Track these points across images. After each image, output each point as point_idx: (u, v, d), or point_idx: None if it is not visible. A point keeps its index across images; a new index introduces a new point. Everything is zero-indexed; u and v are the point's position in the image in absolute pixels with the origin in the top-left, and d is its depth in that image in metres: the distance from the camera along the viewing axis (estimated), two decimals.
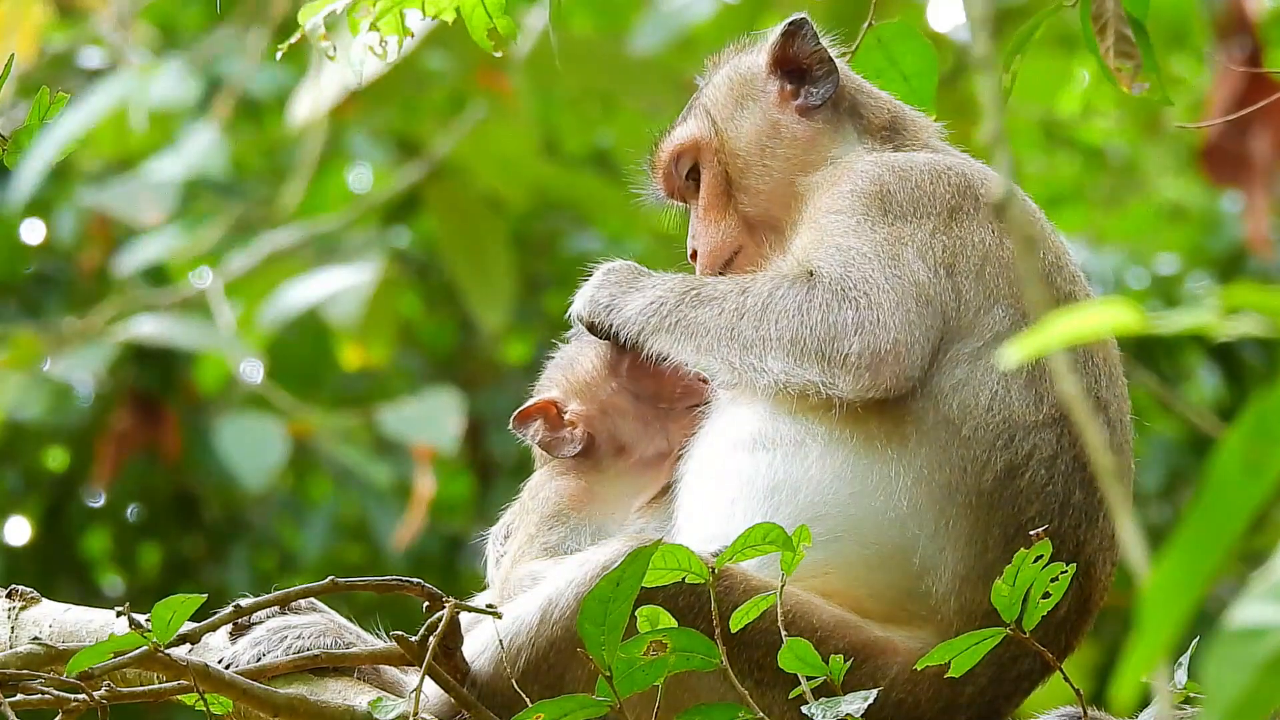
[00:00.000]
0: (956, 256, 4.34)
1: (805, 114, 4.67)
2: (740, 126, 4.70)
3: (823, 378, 4.24)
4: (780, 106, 4.69)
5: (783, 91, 4.70)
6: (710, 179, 4.70)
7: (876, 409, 4.26)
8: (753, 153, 4.67)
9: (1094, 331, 2.45)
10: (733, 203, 4.66)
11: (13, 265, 11.08)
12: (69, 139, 9.37)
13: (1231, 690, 2.29)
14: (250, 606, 4.02)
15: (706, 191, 4.70)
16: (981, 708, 4.21)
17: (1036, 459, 4.24)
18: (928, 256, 4.32)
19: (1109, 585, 4.35)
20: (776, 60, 4.72)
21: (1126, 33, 4.29)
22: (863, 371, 4.23)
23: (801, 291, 4.30)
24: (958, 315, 4.31)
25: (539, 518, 4.63)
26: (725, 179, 4.68)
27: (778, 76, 4.71)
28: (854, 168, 4.50)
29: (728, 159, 4.68)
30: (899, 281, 4.27)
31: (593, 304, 4.57)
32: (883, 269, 4.28)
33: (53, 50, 10.50)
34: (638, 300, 4.49)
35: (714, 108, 4.74)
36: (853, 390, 4.22)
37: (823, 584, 4.20)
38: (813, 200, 4.50)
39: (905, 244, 4.33)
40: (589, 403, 4.71)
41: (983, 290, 4.33)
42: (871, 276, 4.27)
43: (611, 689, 3.74)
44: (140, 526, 11.11)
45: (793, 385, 4.27)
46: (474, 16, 4.43)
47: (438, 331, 11.82)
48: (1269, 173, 10.05)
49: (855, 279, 4.27)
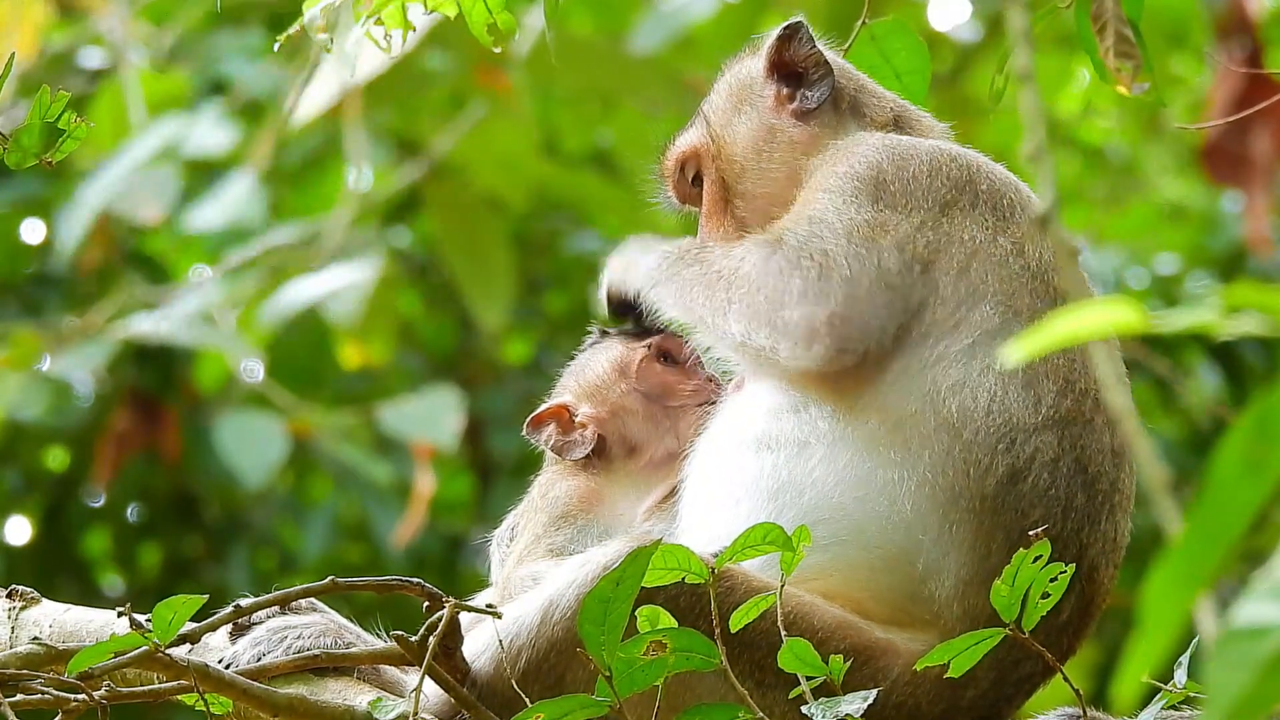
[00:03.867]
0: (939, 253, 4.34)
1: (802, 117, 4.68)
2: (736, 132, 4.73)
3: (768, 342, 4.29)
4: (776, 110, 4.71)
5: (779, 95, 4.71)
6: (709, 185, 4.74)
7: (878, 407, 4.26)
8: (749, 157, 4.69)
9: (1095, 331, 2.45)
10: (730, 207, 4.68)
11: (13, 265, 11.08)
12: (111, 190, 9.48)
13: (1232, 689, 2.29)
14: (250, 606, 4.02)
15: (707, 198, 4.74)
16: (983, 711, 4.20)
17: (1039, 462, 4.23)
18: (905, 249, 4.32)
19: (1111, 587, 4.34)
20: (773, 64, 4.73)
21: (1126, 33, 4.29)
22: (798, 340, 4.26)
23: (764, 257, 4.33)
24: (933, 310, 4.30)
25: (548, 518, 4.65)
26: (723, 185, 4.70)
27: (774, 80, 4.73)
28: (854, 150, 4.51)
29: (724, 165, 4.71)
30: (859, 260, 4.29)
31: (614, 268, 4.65)
32: (847, 245, 4.30)
33: (53, 50, 10.49)
34: (651, 259, 4.56)
35: (712, 115, 4.78)
36: (789, 357, 4.26)
37: (825, 587, 4.20)
38: (811, 179, 4.52)
39: (886, 232, 4.33)
40: (600, 405, 4.74)
41: (965, 287, 4.32)
42: (830, 250, 4.30)
43: (611, 689, 3.74)
44: (140, 526, 11.10)
45: (748, 348, 4.32)
46: (474, 12, 4.43)
47: (438, 331, 11.82)
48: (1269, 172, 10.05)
49: (813, 249, 4.30)
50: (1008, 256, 4.36)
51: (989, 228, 4.38)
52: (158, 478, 10.89)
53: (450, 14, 4.44)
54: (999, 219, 4.40)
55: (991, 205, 4.42)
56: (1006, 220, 4.40)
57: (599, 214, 11.13)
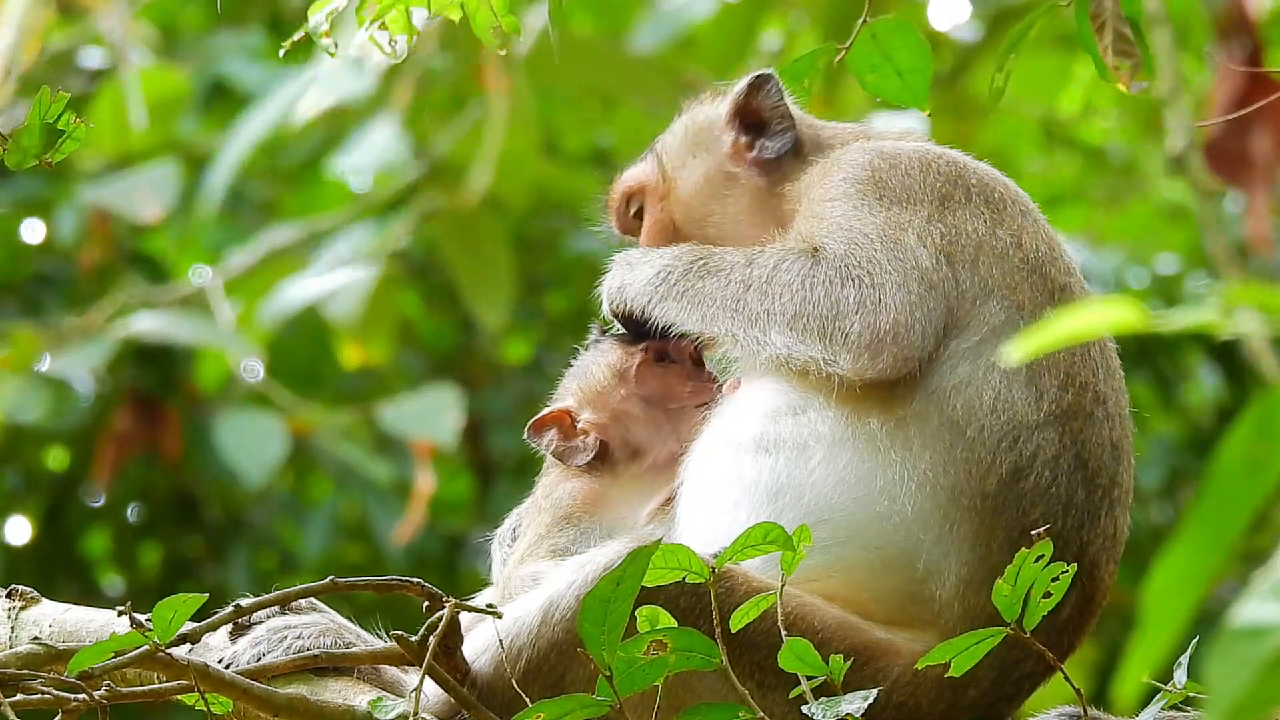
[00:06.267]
0: (954, 245, 4.35)
1: (760, 166, 4.71)
2: (689, 175, 4.76)
3: (824, 354, 4.26)
4: (734, 158, 4.74)
5: (736, 144, 4.74)
6: (651, 223, 4.77)
7: (879, 407, 4.26)
8: (699, 200, 4.73)
9: (1096, 329, 2.45)
10: (672, 244, 4.69)
11: (13, 265, 11.08)
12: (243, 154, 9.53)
13: (1233, 689, 2.29)
14: (250, 606, 4.02)
15: (647, 234, 4.76)
16: (983, 710, 4.20)
17: (1041, 460, 4.22)
18: (928, 242, 4.33)
19: (1111, 584, 4.34)
20: (738, 111, 4.76)
21: (1125, 31, 4.29)
22: (862, 351, 4.24)
23: (806, 266, 4.32)
24: (958, 305, 4.31)
25: (550, 519, 4.65)
26: (670, 224, 4.74)
27: (735, 128, 4.75)
28: (843, 159, 4.52)
29: (672, 205, 4.76)
30: (901, 264, 4.29)
31: (609, 291, 4.64)
32: (886, 251, 4.30)
33: (53, 50, 10.49)
34: (646, 271, 4.53)
35: (665, 154, 4.81)
36: (852, 369, 4.24)
37: (825, 588, 4.20)
38: (807, 195, 4.52)
39: (905, 229, 4.34)
40: (601, 410, 4.75)
41: (978, 281, 4.33)
42: (875, 257, 4.29)
43: (612, 689, 3.74)
44: (140, 526, 11.11)
45: (794, 360, 4.29)
46: (478, 15, 4.43)
47: (438, 331, 11.82)
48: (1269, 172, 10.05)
49: (859, 258, 4.29)
50: (1008, 250, 4.37)
51: (987, 221, 4.39)
52: (158, 478, 10.89)
53: (454, 17, 4.44)
54: (993, 212, 4.41)
55: (984, 199, 4.43)
56: (1000, 213, 4.41)
57: (599, 214, 11.12)
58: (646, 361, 4.76)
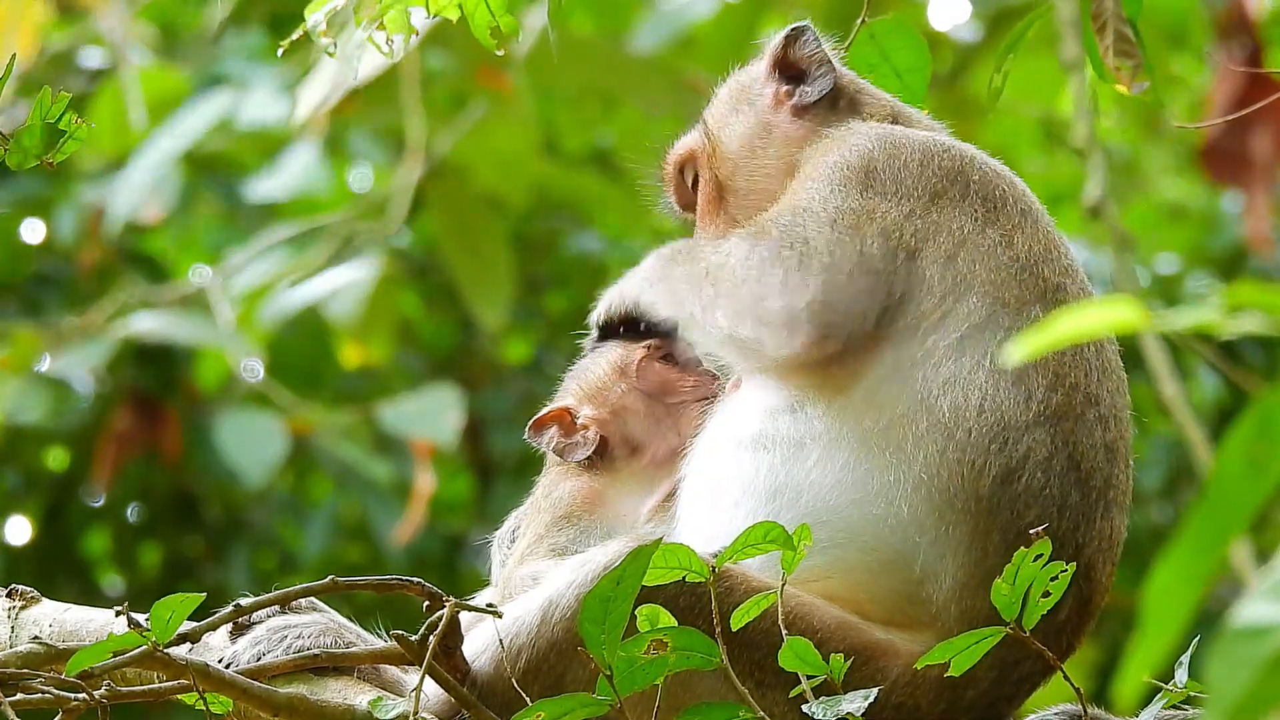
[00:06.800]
0: (926, 241, 4.34)
1: (799, 113, 4.70)
2: (731, 130, 4.75)
3: (752, 334, 4.31)
4: (774, 108, 4.73)
5: (778, 94, 4.73)
6: (704, 185, 4.76)
7: (870, 408, 4.26)
8: (741, 154, 4.71)
9: (1095, 330, 2.45)
10: (724, 205, 4.70)
11: (13, 265, 11.08)
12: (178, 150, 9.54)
13: (1234, 689, 2.29)
14: (250, 606, 4.02)
15: (702, 198, 4.76)
16: (982, 710, 4.20)
17: (1032, 461, 4.22)
18: (891, 236, 4.33)
19: (1109, 586, 4.33)
20: (776, 63, 4.75)
21: (1125, 32, 4.29)
22: (779, 329, 4.28)
23: (748, 249, 4.35)
24: (920, 301, 4.30)
25: (550, 518, 4.66)
26: (717, 183, 4.72)
27: (775, 79, 4.74)
28: (847, 139, 4.52)
29: (718, 163, 4.73)
30: (841, 247, 4.30)
31: (609, 296, 4.71)
32: (830, 233, 4.31)
33: (53, 50, 10.49)
34: (640, 269, 4.61)
35: (710, 117, 4.81)
36: (773, 348, 4.29)
37: (824, 589, 4.20)
38: (803, 169, 4.53)
39: (872, 219, 4.34)
40: (601, 406, 4.75)
41: (953, 276, 4.32)
42: (812, 238, 4.31)
43: (612, 688, 3.74)
44: (140, 526, 11.11)
45: (734, 341, 4.35)
46: (477, 15, 4.43)
47: (438, 331, 11.82)
48: (1269, 172, 10.05)
49: (794, 238, 4.32)
50: (996, 248, 4.36)
51: (978, 219, 4.39)
52: (158, 478, 10.89)
53: (453, 17, 4.44)
54: (989, 211, 4.40)
55: (982, 197, 4.41)
56: (996, 212, 4.40)
57: (599, 214, 11.13)
58: (647, 356, 4.77)
